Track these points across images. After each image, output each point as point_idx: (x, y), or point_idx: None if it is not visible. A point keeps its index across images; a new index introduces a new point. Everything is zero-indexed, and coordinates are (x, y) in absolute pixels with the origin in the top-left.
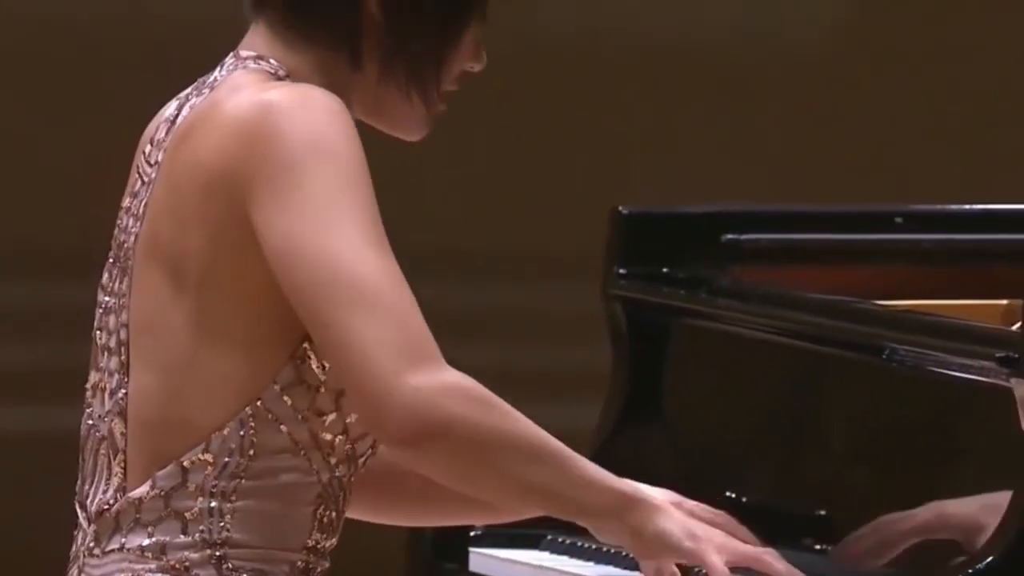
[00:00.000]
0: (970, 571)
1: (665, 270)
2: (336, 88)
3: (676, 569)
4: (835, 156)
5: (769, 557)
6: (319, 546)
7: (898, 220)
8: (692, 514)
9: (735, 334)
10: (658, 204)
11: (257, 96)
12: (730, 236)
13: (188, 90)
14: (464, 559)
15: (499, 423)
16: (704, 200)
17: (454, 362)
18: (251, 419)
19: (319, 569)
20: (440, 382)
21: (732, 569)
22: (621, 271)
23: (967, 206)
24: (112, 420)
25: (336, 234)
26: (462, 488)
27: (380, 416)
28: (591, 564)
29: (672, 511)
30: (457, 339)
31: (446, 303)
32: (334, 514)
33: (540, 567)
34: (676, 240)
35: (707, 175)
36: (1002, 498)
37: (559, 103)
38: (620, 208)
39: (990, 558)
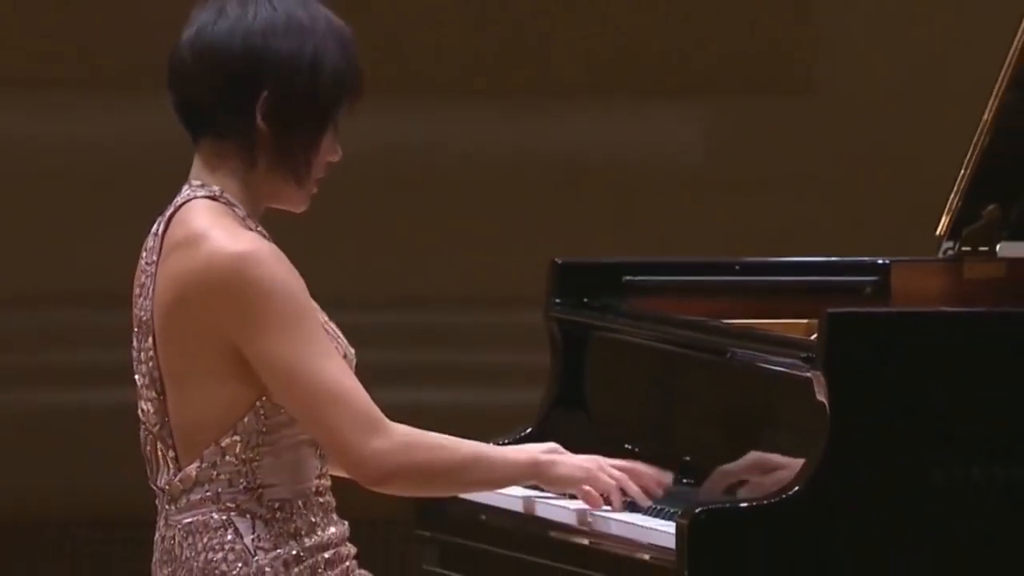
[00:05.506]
0: (783, 496)
1: (586, 300)
2: (250, 187)
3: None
4: (690, 231)
5: (640, 467)
6: (323, 471)
7: (737, 268)
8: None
9: (632, 343)
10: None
11: (232, 250)
12: (629, 278)
13: (162, 214)
14: None
15: (433, 456)
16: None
17: (451, 360)
18: (261, 409)
19: (325, 491)
20: (391, 442)
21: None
22: (557, 301)
23: (782, 259)
24: (159, 428)
25: (302, 357)
26: (421, 496)
27: (356, 473)
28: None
29: (561, 459)
30: (453, 346)
31: (446, 326)
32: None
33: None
34: (593, 280)
35: (610, 245)
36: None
37: (516, 200)
38: (556, 259)
39: (796, 487)
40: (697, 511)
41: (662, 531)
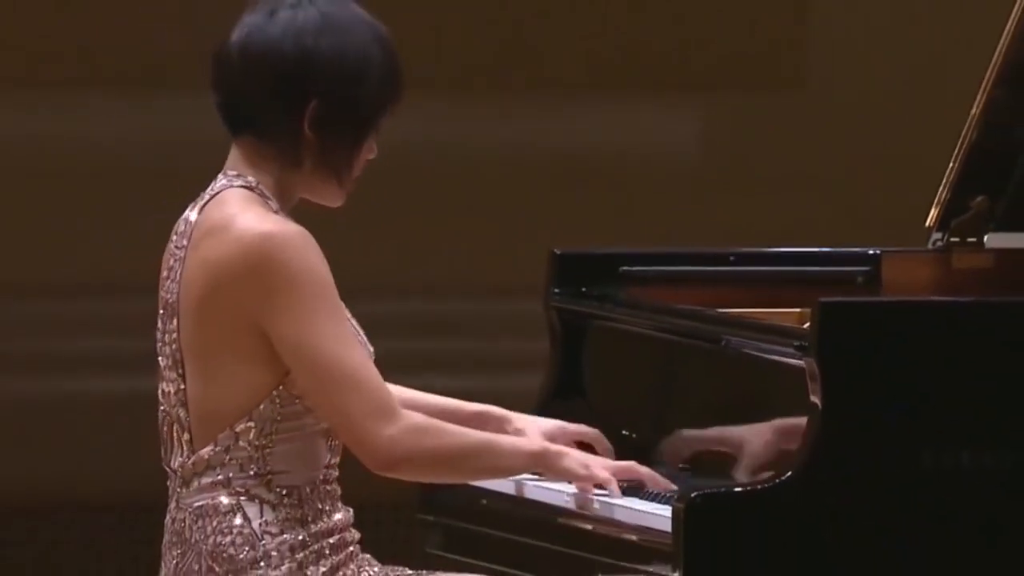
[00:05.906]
0: (777, 480)
1: (584, 289)
2: (285, 183)
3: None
4: (688, 225)
5: (637, 467)
6: (331, 461)
7: (731, 258)
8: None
9: (629, 331)
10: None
11: (260, 229)
12: (625, 268)
13: (196, 200)
14: None
15: (442, 442)
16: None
17: (453, 349)
18: (277, 397)
19: (332, 479)
20: (400, 427)
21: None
22: (556, 290)
23: (775, 249)
24: (178, 410)
25: (324, 341)
26: (430, 482)
27: (367, 458)
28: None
29: (570, 452)
30: (456, 335)
31: (448, 316)
32: (336, 440)
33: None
34: (591, 270)
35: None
36: (794, 433)
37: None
38: (555, 249)
39: (790, 473)
40: (693, 495)
41: (659, 515)
